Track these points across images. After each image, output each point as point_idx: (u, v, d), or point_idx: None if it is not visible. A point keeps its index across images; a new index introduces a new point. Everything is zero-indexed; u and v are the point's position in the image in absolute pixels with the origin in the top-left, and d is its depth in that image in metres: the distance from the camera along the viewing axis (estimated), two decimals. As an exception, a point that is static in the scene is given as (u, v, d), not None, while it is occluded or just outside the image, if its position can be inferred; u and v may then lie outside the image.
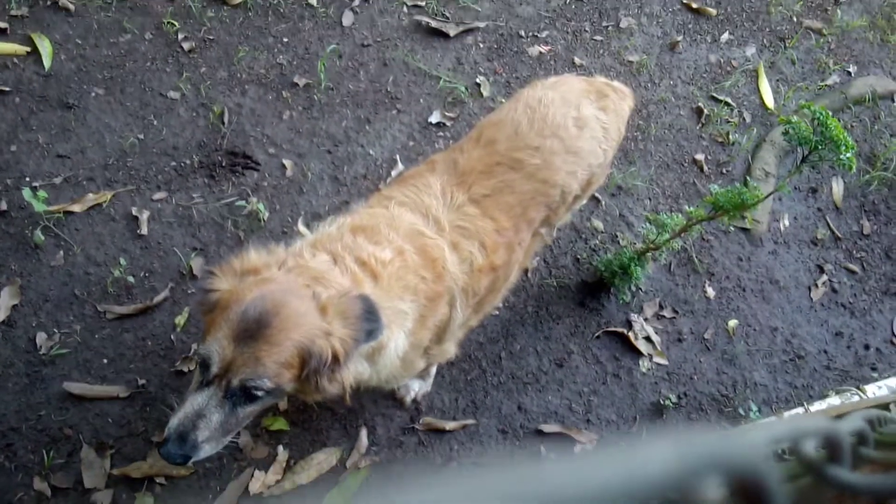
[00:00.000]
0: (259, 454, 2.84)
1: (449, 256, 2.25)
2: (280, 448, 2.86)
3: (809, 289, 3.80)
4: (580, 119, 2.56)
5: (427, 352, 2.41)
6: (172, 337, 3.04)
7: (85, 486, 2.67)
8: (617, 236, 3.71)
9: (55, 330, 2.99)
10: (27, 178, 3.34)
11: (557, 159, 2.48)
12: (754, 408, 3.32)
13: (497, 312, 3.33)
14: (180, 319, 3.07)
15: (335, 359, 1.86)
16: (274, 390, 1.85)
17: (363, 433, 2.95)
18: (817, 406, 3.15)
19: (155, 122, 3.65)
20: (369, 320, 1.90)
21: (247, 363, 1.77)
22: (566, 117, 2.53)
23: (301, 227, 3.38)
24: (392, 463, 2.93)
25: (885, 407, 2.94)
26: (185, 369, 2.96)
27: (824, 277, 3.84)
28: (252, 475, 2.78)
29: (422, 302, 2.16)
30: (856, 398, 3.14)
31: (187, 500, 2.72)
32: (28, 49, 3.72)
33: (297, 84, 3.94)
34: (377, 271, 2.07)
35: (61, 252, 3.17)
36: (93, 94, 3.67)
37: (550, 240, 3.53)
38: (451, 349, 2.61)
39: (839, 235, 4.02)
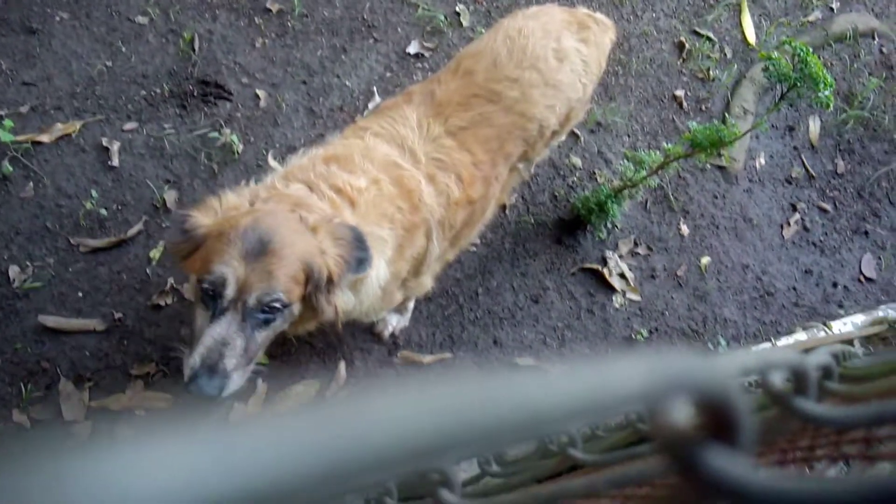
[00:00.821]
0: (238, 386, 2.87)
1: (425, 188, 2.24)
2: (259, 381, 2.89)
3: (782, 227, 3.86)
4: (560, 51, 2.52)
5: (404, 284, 2.43)
6: (148, 270, 3.02)
7: (64, 419, 2.69)
8: (595, 173, 3.71)
9: (28, 263, 2.95)
10: (-9, 107, 3.23)
11: (536, 92, 2.45)
12: (723, 343, 3.41)
13: (474, 249, 3.35)
14: (155, 253, 3.04)
15: (330, 279, 1.89)
16: (286, 308, 1.87)
17: (341, 366, 2.99)
18: (785, 341, 3.25)
19: (123, 49, 3.52)
20: (359, 248, 1.92)
21: (261, 278, 1.78)
22: (546, 49, 2.49)
23: (271, 161, 3.33)
24: (368, 392, 2.98)
25: (849, 342, 3.05)
26: (162, 303, 2.95)
27: (797, 216, 3.90)
28: (232, 407, 2.82)
29: (399, 231, 2.17)
30: (822, 334, 3.24)
31: (167, 431, 2.75)
32: (-15, -32, 3.54)
33: (269, 10, 3.80)
34: (354, 198, 2.07)
35: (31, 184, 3.10)
36: (57, 18, 3.52)
37: (528, 175, 3.52)
38: (427, 282, 2.63)
39: (813, 174, 4.06)
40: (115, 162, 3.21)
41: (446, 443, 0.27)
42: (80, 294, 2.94)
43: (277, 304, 1.84)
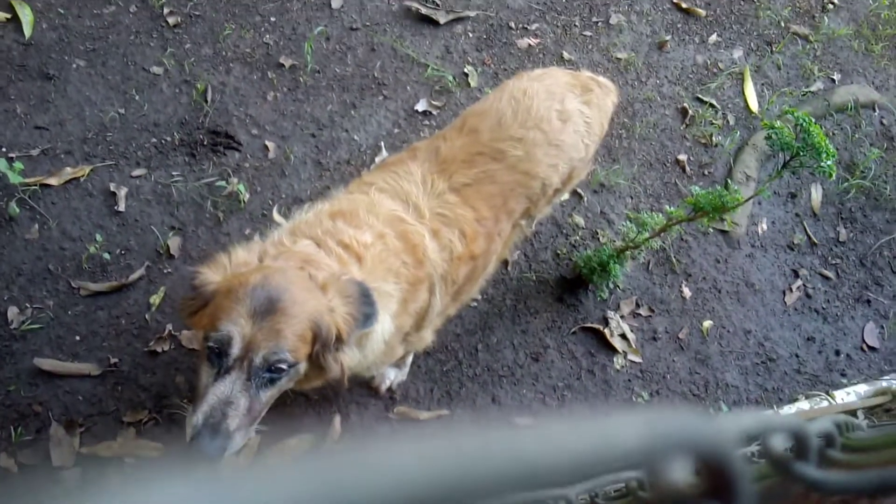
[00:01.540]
0: (231, 437, 2.83)
1: (429, 243, 2.25)
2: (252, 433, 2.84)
3: (784, 293, 3.85)
4: (564, 112, 2.57)
5: (406, 338, 2.42)
6: (147, 316, 3.01)
7: (53, 464, 2.64)
8: (597, 233, 3.72)
9: (27, 304, 2.94)
10: (3, 149, 3.28)
11: (539, 151, 2.48)
12: (725, 408, 3.36)
13: (475, 304, 3.34)
14: (155, 299, 3.04)
15: (339, 337, 1.88)
16: (292, 367, 1.85)
17: (336, 420, 2.95)
18: (787, 409, 3.21)
19: (136, 97, 3.59)
20: (366, 304, 1.91)
21: (268, 337, 1.76)
22: (550, 110, 2.53)
23: (276, 216, 3.35)
24: (365, 444, 2.93)
25: (853, 413, 3.01)
26: (159, 349, 2.93)
27: (799, 282, 3.89)
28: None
29: (404, 286, 2.17)
30: (825, 403, 3.20)
31: (160, 480, 2.69)
32: (8, 16, 3.64)
33: (282, 65, 3.89)
34: (361, 254, 2.08)
35: (36, 225, 3.12)
36: (74, 66, 3.60)
37: (530, 232, 3.54)
38: (428, 337, 2.61)
39: (815, 241, 4.08)
40: (122, 207, 3.24)
41: (441, 494, 0.26)
42: (78, 337, 2.92)
43: (283, 365, 1.81)
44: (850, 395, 3.34)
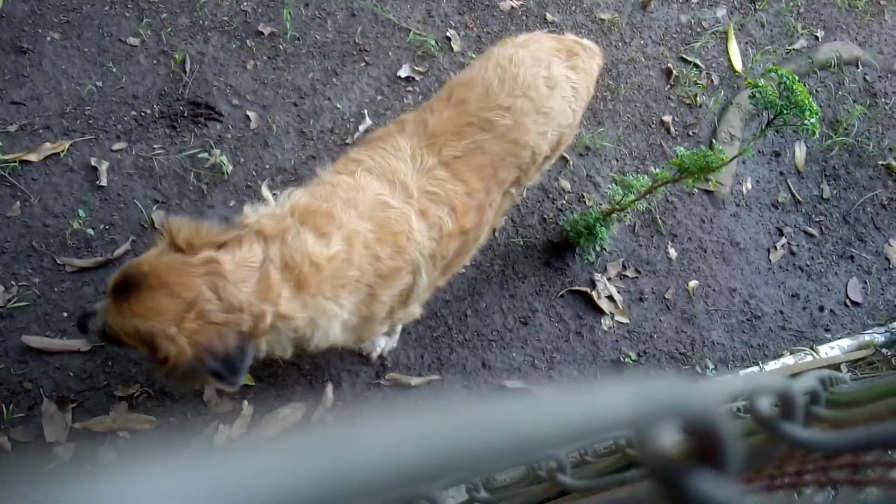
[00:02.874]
0: (223, 409, 2.85)
1: (416, 225, 2.23)
2: (245, 403, 2.87)
3: (769, 251, 3.88)
4: (550, 79, 2.55)
5: (391, 315, 2.42)
6: (134, 291, 2.99)
7: (46, 440, 2.65)
8: (583, 196, 3.73)
9: (13, 283, 2.92)
10: (-21, 125, 3.22)
11: (528, 120, 2.46)
12: (711, 366, 3.42)
13: (464, 271, 3.35)
14: (142, 273, 3.02)
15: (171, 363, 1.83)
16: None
17: (329, 388, 2.97)
18: (772, 365, 3.26)
19: (114, 70, 3.52)
20: (225, 365, 1.85)
21: (111, 313, 1.88)
22: (537, 77, 2.51)
23: (265, 191, 3.32)
24: (357, 418, 2.96)
25: (836, 367, 3.06)
26: (148, 324, 2.92)
27: (783, 240, 3.93)
28: (217, 429, 2.79)
29: (365, 285, 2.12)
30: (809, 358, 3.25)
31: (150, 454, 2.71)
32: (-23, -12, 3.54)
33: (261, 32, 3.83)
34: (305, 277, 1.98)
35: (18, 203, 3.08)
36: (48, 39, 3.53)
37: (520, 199, 3.54)
38: (416, 310, 2.62)
39: (799, 199, 4.11)
40: (104, 182, 3.20)
41: (435, 469, 0.27)
42: (65, 314, 2.91)
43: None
44: (833, 349, 3.40)
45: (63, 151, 3.24)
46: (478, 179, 2.38)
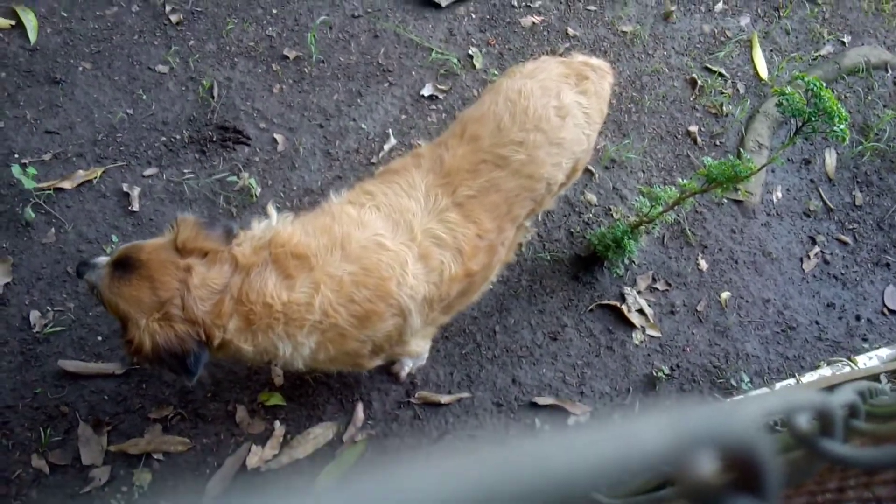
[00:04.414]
0: (256, 429, 2.86)
1: (412, 268, 2.21)
2: (276, 423, 2.88)
3: (801, 260, 3.82)
4: (562, 108, 2.50)
5: (383, 351, 2.40)
6: (166, 314, 3.03)
7: (83, 463, 2.69)
8: (610, 209, 3.71)
9: (48, 308, 2.98)
10: (16, 155, 3.31)
11: (542, 152, 2.43)
12: (746, 379, 3.35)
13: (491, 287, 3.34)
14: (174, 296, 3.06)
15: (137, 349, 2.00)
16: None
17: (359, 407, 2.97)
18: (809, 377, 3.19)
19: (144, 97, 3.60)
20: (179, 365, 2.00)
21: (108, 282, 2.03)
22: (547, 108, 2.47)
23: (270, 208, 3.35)
24: (388, 437, 2.96)
25: (875, 378, 2.99)
26: (180, 346, 2.95)
27: (816, 249, 3.86)
28: (249, 450, 2.80)
29: (332, 325, 2.12)
30: (847, 369, 3.18)
31: (185, 475, 2.74)
32: (12, 23, 3.65)
33: (287, 57, 3.89)
34: (253, 315, 2.04)
35: (52, 229, 3.15)
36: (80, 69, 3.62)
37: (533, 231, 3.52)
38: (417, 346, 2.62)
39: (831, 207, 4.04)
40: (136, 207, 3.26)
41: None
42: (100, 338, 2.95)
43: None
44: (872, 359, 3.31)
45: (96, 178, 3.31)
46: (490, 219, 2.36)
